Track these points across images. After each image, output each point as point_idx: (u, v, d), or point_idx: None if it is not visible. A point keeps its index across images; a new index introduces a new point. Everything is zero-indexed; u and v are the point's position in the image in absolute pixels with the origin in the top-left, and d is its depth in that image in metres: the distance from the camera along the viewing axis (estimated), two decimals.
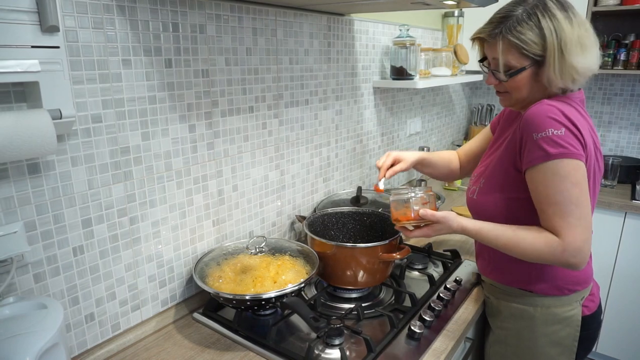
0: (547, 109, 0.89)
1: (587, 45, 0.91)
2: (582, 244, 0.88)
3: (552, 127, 0.87)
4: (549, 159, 0.88)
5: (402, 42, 1.68)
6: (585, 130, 0.90)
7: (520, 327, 1.07)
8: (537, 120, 0.89)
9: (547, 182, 0.89)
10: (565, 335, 1.04)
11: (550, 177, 0.88)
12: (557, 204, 0.89)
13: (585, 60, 0.91)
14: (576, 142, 0.88)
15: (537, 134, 0.89)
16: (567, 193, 0.87)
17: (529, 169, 0.92)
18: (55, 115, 0.74)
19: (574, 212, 0.88)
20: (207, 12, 1.05)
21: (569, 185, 0.87)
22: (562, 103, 0.92)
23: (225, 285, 1.02)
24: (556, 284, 1.02)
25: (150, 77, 0.96)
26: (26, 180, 0.79)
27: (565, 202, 0.88)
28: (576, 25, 0.91)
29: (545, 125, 0.88)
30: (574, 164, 0.87)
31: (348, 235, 1.36)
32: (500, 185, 1.01)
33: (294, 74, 1.35)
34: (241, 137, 1.21)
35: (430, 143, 2.39)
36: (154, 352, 0.97)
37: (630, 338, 2.12)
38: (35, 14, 0.70)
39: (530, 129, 0.90)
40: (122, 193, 0.95)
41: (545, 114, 0.88)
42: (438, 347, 0.99)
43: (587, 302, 1.05)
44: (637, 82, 2.35)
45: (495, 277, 1.11)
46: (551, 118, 0.88)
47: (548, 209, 0.90)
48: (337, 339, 0.97)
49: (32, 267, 0.82)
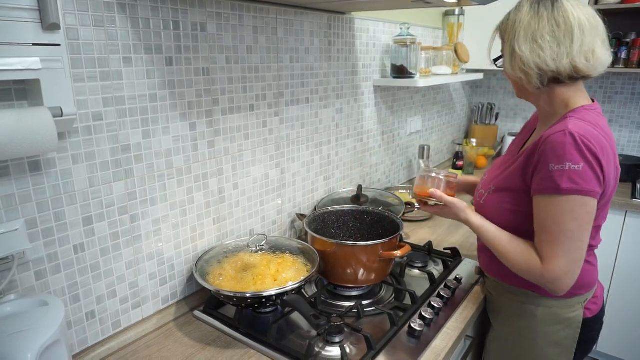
0: (572, 139, 0.86)
1: (543, 40, 0.89)
2: (562, 275, 0.89)
3: (571, 162, 0.85)
4: (559, 194, 0.87)
5: (403, 40, 1.67)
6: (606, 157, 0.88)
7: (521, 326, 1.07)
8: (558, 151, 0.87)
9: (548, 212, 0.90)
10: (565, 336, 1.04)
11: (552, 208, 0.89)
12: (550, 233, 0.90)
13: (536, 55, 0.90)
14: (593, 178, 0.86)
15: (554, 165, 0.87)
16: (563, 226, 0.88)
17: (536, 195, 0.92)
18: (57, 113, 0.74)
19: (564, 244, 0.88)
20: (208, 11, 1.05)
21: (569, 219, 0.88)
22: (588, 123, 0.90)
23: (226, 283, 1.02)
24: None
25: (151, 75, 0.96)
26: (27, 177, 0.79)
27: (558, 233, 0.89)
28: (542, 17, 0.90)
29: (565, 157, 0.86)
30: (582, 201, 0.87)
31: (348, 234, 1.36)
32: (508, 196, 1.01)
33: (295, 73, 1.35)
34: (242, 136, 1.21)
35: (431, 142, 2.39)
36: (154, 350, 0.98)
37: (630, 337, 2.12)
38: (37, 11, 0.70)
39: (548, 157, 0.88)
40: (123, 191, 0.95)
41: (568, 144, 0.86)
42: (438, 345, 0.99)
43: (589, 305, 1.05)
44: (637, 80, 2.35)
45: (499, 275, 1.11)
46: (574, 150, 0.85)
47: (541, 235, 0.92)
48: (337, 337, 0.97)
49: (33, 265, 0.82)
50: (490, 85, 2.82)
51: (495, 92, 2.81)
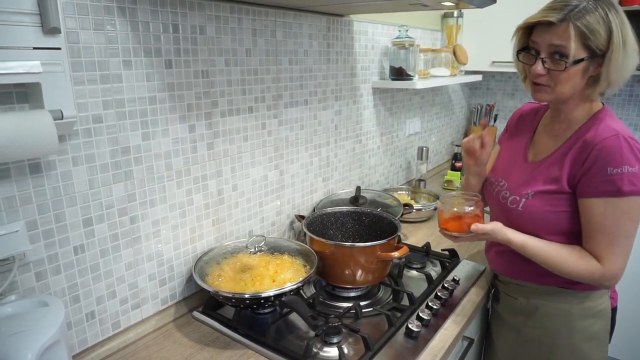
0: (625, 142, 0.90)
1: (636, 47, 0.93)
2: (620, 272, 0.95)
3: (629, 165, 0.89)
4: (620, 196, 0.90)
5: (401, 42, 1.68)
6: None
7: (556, 325, 1.07)
8: (615, 155, 0.90)
9: (607, 214, 0.92)
10: (599, 329, 1.06)
11: (611, 211, 0.92)
12: (610, 235, 0.93)
13: (635, 61, 0.93)
14: None
15: (613, 169, 0.90)
16: (623, 227, 0.92)
17: (590, 198, 0.94)
18: (57, 116, 0.75)
19: (623, 243, 0.93)
20: (207, 14, 1.06)
21: (627, 220, 0.92)
22: (622, 125, 0.95)
23: (224, 284, 1.03)
24: None
25: (151, 77, 0.97)
26: (28, 179, 0.80)
27: (618, 234, 0.93)
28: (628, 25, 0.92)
29: (623, 161, 0.89)
30: (638, 201, 0.91)
31: (347, 235, 1.37)
32: (558, 199, 1.00)
33: (294, 75, 1.36)
34: (241, 137, 1.22)
35: (430, 143, 2.40)
36: (154, 350, 0.98)
37: (628, 337, 2.13)
38: (37, 16, 0.71)
39: (605, 161, 0.91)
40: (123, 192, 0.96)
41: (624, 148, 0.90)
42: (435, 345, 1.00)
43: (612, 294, 1.09)
44: (635, 82, 2.36)
45: (527, 277, 1.10)
46: (630, 153, 0.89)
47: (599, 236, 0.95)
48: (335, 337, 0.97)
49: (33, 266, 0.83)
50: (489, 86, 2.83)
51: (494, 94, 2.82)
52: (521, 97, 2.73)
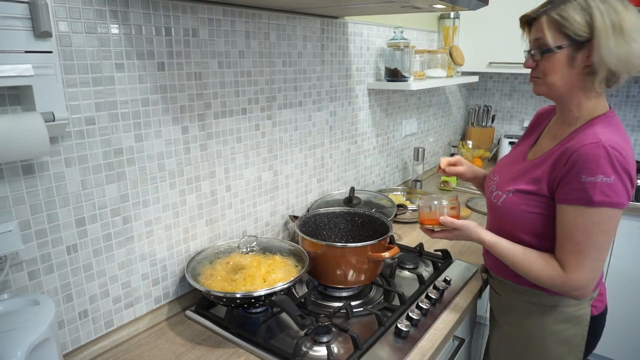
0: (604, 151, 0.87)
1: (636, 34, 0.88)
2: (585, 283, 0.92)
3: (603, 174, 0.87)
4: (590, 206, 0.89)
5: (396, 44, 1.69)
6: (633, 168, 0.90)
7: (530, 325, 1.08)
8: (591, 163, 0.88)
9: (577, 223, 0.91)
10: (574, 334, 1.04)
11: (581, 220, 0.90)
12: (578, 244, 0.92)
13: (632, 47, 0.88)
14: (622, 190, 0.88)
15: (587, 177, 0.88)
16: (592, 238, 0.90)
17: (563, 204, 0.93)
18: (48, 118, 0.76)
19: (591, 254, 0.91)
20: (200, 17, 1.07)
21: (597, 232, 0.90)
22: (615, 133, 0.92)
23: (216, 283, 1.04)
24: None
25: (143, 80, 0.98)
26: (21, 180, 0.82)
27: (586, 245, 0.91)
28: (631, 12, 0.89)
29: (598, 170, 0.87)
30: (611, 213, 0.89)
31: (340, 235, 1.38)
32: (534, 199, 1.00)
33: (287, 76, 1.37)
34: (234, 139, 1.23)
35: (427, 144, 2.41)
36: (146, 349, 1.00)
37: (624, 338, 2.13)
38: (29, 20, 0.72)
39: (580, 168, 0.89)
40: (116, 193, 0.97)
41: (601, 156, 0.87)
42: (424, 345, 1.01)
43: (595, 303, 1.06)
44: (632, 83, 2.36)
45: (506, 275, 1.11)
46: (607, 164, 0.87)
47: (567, 245, 0.93)
48: (324, 337, 0.99)
49: (26, 265, 0.85)
50: (487, 87, 2.83)
51: (492, 95, 2.83)
52: (518, 98, 2.74)
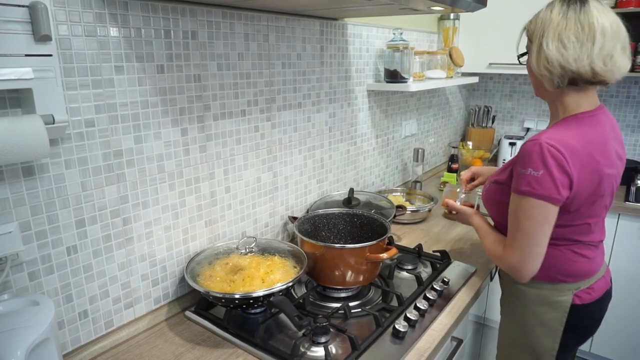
0: (539, 148, 0.95)
1: (568, 40, 0.95)
2: (517, 264, 1.04)
3: (533, 168, 0.96)
4: (518, 194, 1.01)
5: (396, 45, 1.70)
6: (578, 164, 0.96)
7: (515, 305, 1.18)
8: (525, 157, 0.98)
9: (512, 208, 1.04)
10: (552, 318, 1.11)
11: (514, 206, 1.03)
12: (512, 228, 1.05)
13: (560, 55, 0.96)
14: (550, 185, 0.95)
15: (521, 169, 0.99)
16: (520, 223, 1.02)
17: (512, 192, 1.04)
18: (48, 121, 0.77)
19: (519, 239, 1.03)
20: (199, 19, 1.08)
21: (523, 219, 1.01)
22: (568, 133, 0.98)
23: (215, 284, 1.05)
24: (549, 273, 1.09)
25: (143, 82, 0.99)
26: (21, 182, 0.82)
27: (515, 228, 1.03)
28: (570, 19, 0.96)
29: (529, 164, 0.97)
30: (534, 203, 0.98)
31: (339, 236, 1.39)
32: (502, 189, 1.11)
33: (287, 78, 1.37)
34: (233, 140, 1.24)
35: (427, 145, 2.41)
36: (145, 349, 1.01)
37: (623, 338, 2.13)
38: (29, 24, 0.73)
39: (519, 161, 1.00)
40: (115, 195, 0.98)
41: (534, 152, 0.96)
42: (422, 345, 1.02)
43: (581, 293, 1.10)
44: (632, 84, 2.36)
45: None
46: (538, 158, 0.95)
47: (509, 227, 1.07)
48: (322, 337, 0.99)
49: (26, 266, 0.86)
50: (487, 88, 2.83)
51: (492, 95, 2.83)
52: (519, 99, 2.74)
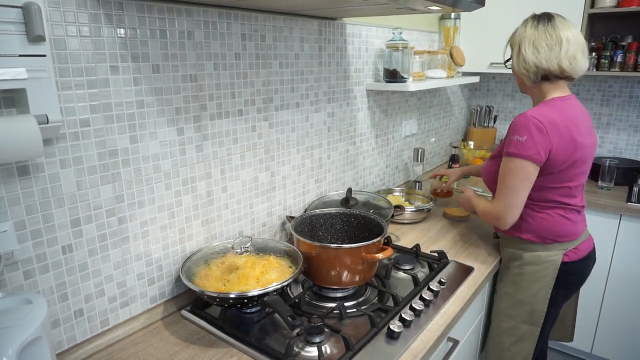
0: (525, 120, 1.22)
1: (540, 46, 1.25)
2: (502, 213, 1.28)
3: (519, 134, 1.22)
4: (507, 156, 1.26)
5: (395, 45, 1.69)
6: (557, 132, 1.21)
7: (513, 265, 1.40)
8: (515, 126, 1.25)
9: (501, 169, 1.29)
10: (545, 275, 1.34)
11: (503, 166, 1.28)
12: (500, 184, 1.30)
13: (534, 57, 1.26)
14: (532, 147, 1.20)
15: (509, 137, 1.26)
16: (506, 179, 1.27)
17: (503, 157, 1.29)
18: (42, 120, 0.77)
19: (505, 192, 1.27)
20: (195, 19, 1.08)
21: (510, 176, 1.25)
22: (549, 108, 1.25)
23: (211, 283, 1.05)
24: (540, 234, 1.33)
25: (138, 82, 0.99)
26: (16, 181, 0.83)
27: (503, 185, 1.28)
28: (540, 31, 1.26)
29: (516, 132, 1.24)
30: (519, 162, 1.23)
31: (336, 236, 1.39)
32: (498, 162, 1.33)
33: (284, 78, 1.37)
34: (230, 140, 1.24)
35: (428, 144, 2.41)
36: (141, 348, 1.01)
37: (625, 340, 2.12)
38: (22, 24, 0.74)
39: (509, 131, 1.28)
40: (111, 194, 0.98)
41: (521, 123, 1.23)
42: (416, 346, 1.02)
43: (569, 253, 1.34)
44: (635, 83, 2.34)
45: (500, 230, 1.42)
46: (523, 127, 1.22)
47: (498, 184, 1.31)
48: (317, 337, 0.99)
49: (21, 265, 0.86)
50: (489, 87, 2.82)
51: (494, 95, 2.82)
52: (521, 98, 2.73)
